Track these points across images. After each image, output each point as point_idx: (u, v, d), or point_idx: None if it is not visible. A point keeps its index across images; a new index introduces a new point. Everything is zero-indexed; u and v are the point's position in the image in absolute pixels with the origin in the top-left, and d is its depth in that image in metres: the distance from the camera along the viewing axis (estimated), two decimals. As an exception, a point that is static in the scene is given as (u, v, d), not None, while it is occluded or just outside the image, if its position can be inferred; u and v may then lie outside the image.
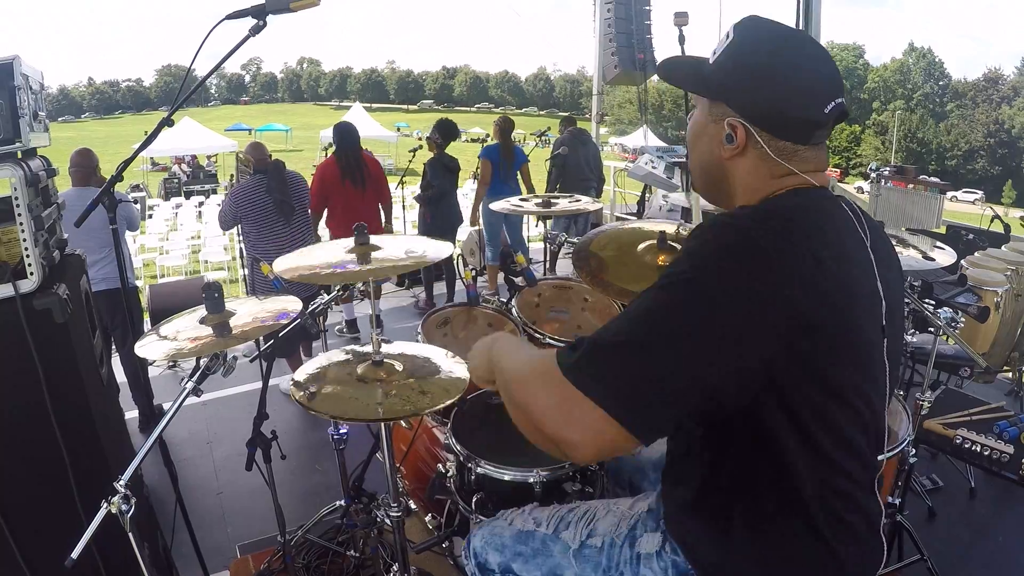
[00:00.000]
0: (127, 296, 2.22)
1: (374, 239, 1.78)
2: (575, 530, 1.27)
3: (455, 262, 5.34)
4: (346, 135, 4.62)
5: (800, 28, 5.73)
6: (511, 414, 1.02)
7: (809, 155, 1.02)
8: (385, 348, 1.71)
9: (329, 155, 4.71)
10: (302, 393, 1.55)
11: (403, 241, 1.97)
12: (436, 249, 1.77)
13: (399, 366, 1.66)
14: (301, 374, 1.65)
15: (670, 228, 2.23)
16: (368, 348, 1.73)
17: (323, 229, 4.82)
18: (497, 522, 1.38)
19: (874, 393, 1.02)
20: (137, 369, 3.50)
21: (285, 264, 1.69)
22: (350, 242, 1.78)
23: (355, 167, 4.58)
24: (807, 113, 0.99)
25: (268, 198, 3.83)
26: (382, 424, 1.73)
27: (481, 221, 5.69)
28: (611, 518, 1.28)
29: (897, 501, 2.16)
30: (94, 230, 3.25)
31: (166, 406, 1.60)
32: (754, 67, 1.00)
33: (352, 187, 4.57)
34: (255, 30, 1.50)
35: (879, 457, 1.08)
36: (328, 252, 1.78)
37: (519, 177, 5.69)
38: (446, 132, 5.34)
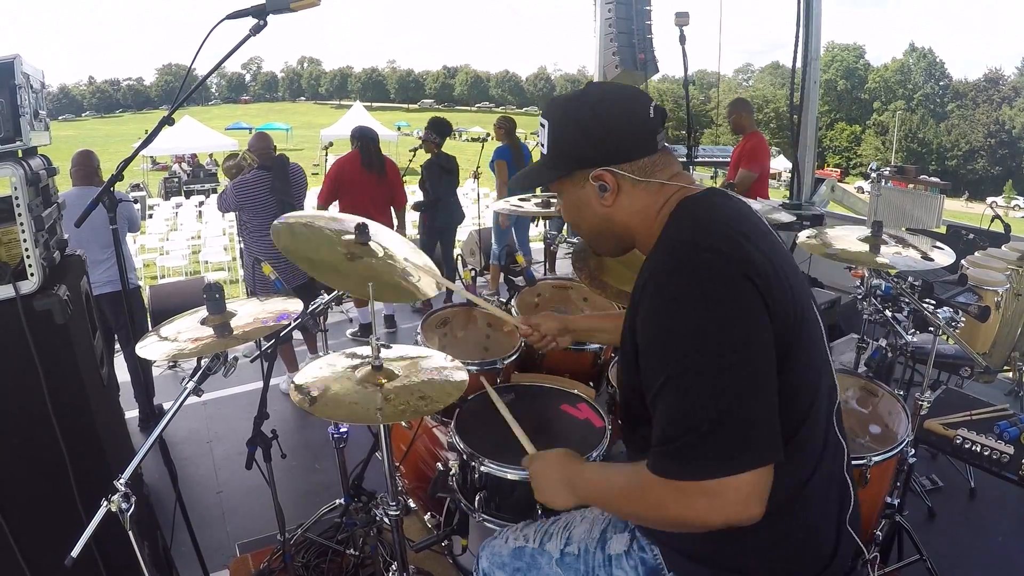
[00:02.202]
0: (127, 297, 2.22)
1: (372, 240, 1.79)
2: (556, 541, 1.35)
3: (455, 262, 5.33)
4: (366, 132, 4.73)
5: (800, 28, 5.77)
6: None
7: (664, 161, 1.12)
8: (384, 352, 1.71)
9: (350, 151, 4.74)
10: (302, 397, 1.55)
11: (405, 249, 1.97)
12: (427, 285, 1.84)
13: (398, 370, 1.66)
14: (301, 378, 1.65)
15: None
16: (367, 352, 1.73)
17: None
18: (496, 541, 1.46)
19: (819, 358, 1.11)
20: (139, 368, 3.50)
21: (284, 241, 1.71)
22: (350, 238, 1.78)
23: (377, 159, 4.69)
24: (637, 125, 1.09)
25: (271, 197, 3.81)
26: (381, 424, 1.73)
27: (491, 220, 5.68)
28: (585, 524, 1.35)
29: (897, 501, 2.15)
30: (98, 231, 3.24)
31: (166, 405, 1.60)
32: (575, 125, 1.11)
33: (369, 173, 4.62)
34: (255, 30, 1.51)
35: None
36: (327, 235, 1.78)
37: None
38: (441, 130, 5.27)
